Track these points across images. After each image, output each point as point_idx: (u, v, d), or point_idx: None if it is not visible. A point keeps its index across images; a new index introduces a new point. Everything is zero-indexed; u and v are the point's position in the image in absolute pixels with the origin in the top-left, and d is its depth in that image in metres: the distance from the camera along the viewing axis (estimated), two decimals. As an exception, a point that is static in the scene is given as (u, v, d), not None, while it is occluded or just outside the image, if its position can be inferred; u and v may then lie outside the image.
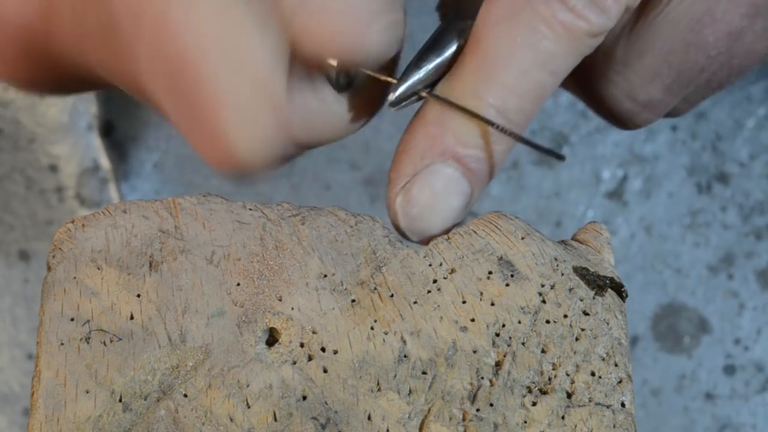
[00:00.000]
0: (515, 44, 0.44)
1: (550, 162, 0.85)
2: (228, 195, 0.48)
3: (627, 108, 0.50)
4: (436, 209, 0.45)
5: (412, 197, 0.45)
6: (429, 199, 0.45)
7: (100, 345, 0.43)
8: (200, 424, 0.42)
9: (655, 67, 0.49)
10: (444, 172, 0.45)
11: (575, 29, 0.44)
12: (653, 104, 0.50)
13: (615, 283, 0.46)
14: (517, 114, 0.45)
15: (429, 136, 0.45)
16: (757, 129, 0.85)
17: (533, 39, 0.44)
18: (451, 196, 0.45)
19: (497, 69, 0.44)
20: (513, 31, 0.44)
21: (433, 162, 0.45)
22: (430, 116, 0.45)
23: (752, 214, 0.84)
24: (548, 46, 0.44)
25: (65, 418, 0.42)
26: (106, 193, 0.81)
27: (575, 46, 0.45)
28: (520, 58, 0.44)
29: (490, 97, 0.44)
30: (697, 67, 0.49)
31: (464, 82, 0.45)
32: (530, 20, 0.44)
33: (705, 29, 0.48)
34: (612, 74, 0.49)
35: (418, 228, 0.46)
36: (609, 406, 0.44)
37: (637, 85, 0.49)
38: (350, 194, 0.85)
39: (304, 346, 0.44)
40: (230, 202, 0.46)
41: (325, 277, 0.45)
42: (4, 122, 0.81)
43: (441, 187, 0.45)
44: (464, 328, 0.44)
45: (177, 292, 0.44)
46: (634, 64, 0.49)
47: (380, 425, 0.43)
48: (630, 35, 0.48)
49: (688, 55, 0.48)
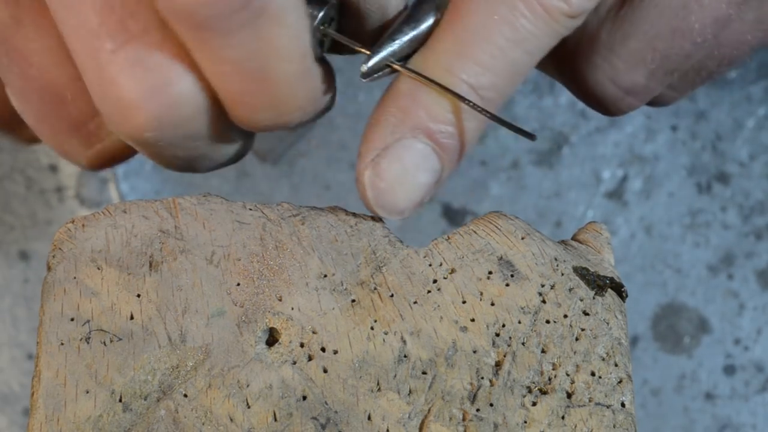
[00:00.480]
0: (492, 21, 0.43)
1: (550, 162, 0.85)
2: (228, 195, 0.48)
3: (611, 93, 0.50)
4: (405, 184, 0.44)
5: (381, 171, 0.44)
6: (398, 173, 0.44)
7: (100, 345, 0.43)
8: (200, 424, 0.42)
9: (640, 52, 0.48)
10: (415, 147, 0.44)
11: (553, 9, 0.44)
12: (637, 90, 0.50)
13: (615, 283, 0.46)
14: (491, 91, 0.44)
15: (400, 110, 0.44)
16: (757, 129, 0.85)
17: (510, 17, 0.44)
18: (421, 172, 0.44)
19: (472, 45, 0.44)
20: (490, 7, 0.43)
21: (404, 136, 0.44)
22: (402, 89, 0.44)
23: (752, 214, 0.84)
24: (525, 25, 0.44)
25: (65, 418, 0.42)
26: (106, 193, 0.81)
27: (553, 27, 0.44)
28: (497, 36, 0.44)
29: (463, 74, 0.44)
30: (683, 53, 0.48)
31: (438, 56, 0.44)
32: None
33: (691, 15, 0.47)
34: (596, 58, 0.49)
35: (385, 202, 0.45)
36: (609, 406, 0.44)
37: (621, 70, 0.49)
38: (350, 194, 0.84)
39: (304, 346, 0.44)
40: (230, 202, 0.46)
41: (325, 277, 0.45)
42: (4, 122, 0.81)
43: (411, 162, 0.44)
44: (464, 328, 0.44)
45: (177, 292, 0.44)
46: (619, 48, 0.48)
47: (380, 425, 0.43)
48: (615, 19, 0.48)
49: (674, 41, 0.48)
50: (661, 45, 0.48)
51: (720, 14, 0.47)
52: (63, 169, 0.81)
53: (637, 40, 0.48)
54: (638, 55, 0.48)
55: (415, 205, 0.45)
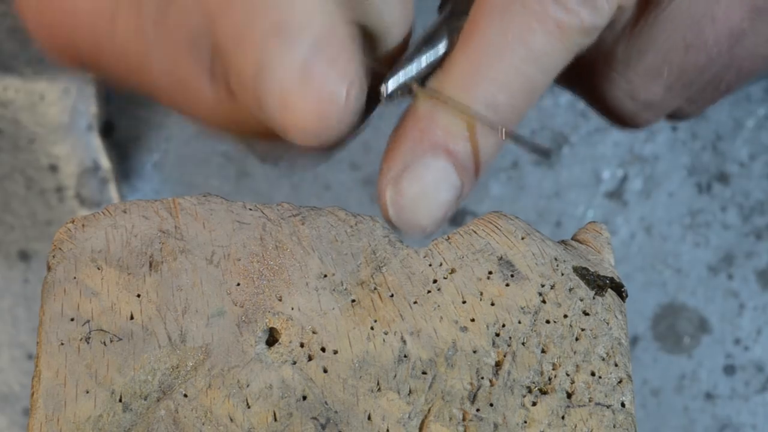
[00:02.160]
0: (507, 40, 0.44)
1: (550, 162, 0.85)
2: (228, 195, 0.48)
3: (628, 108, 0.50)
4: (426, 202, 0.45)
5: (402, 189, 0.45)
6: (419, 191, 0.45)
7: (100, 345, 0.43)
8: (200, 424, 0.42)
9: (656, 67, 0.49)
10: (434, 165, 0.45)
11: (567, 27, 0.44)
12: (654, 104, 0.50)
13: (615, 283, 0.46)
14: (507, 110, 0.45)
15: (420, 130, 0.45)
16: (757, 129, 0.85)
17: (525, 35, 0.44)
18: (442, 190, 0.45)
19: (488, 64, 0.44)
20: (505, 26, 0.44)
21: (424, 155, 0.45)
22: (420, 110, 0.45)
23: (752, 214, 0.84)
24: (540, 43, 0.44)
25: (65, 418, 0.42)
26: (106, 193, 0.81)
27: (567, 44, 0.45)
28: (511, 54, 0.44)
29: (479, 92, 0.44)
30: (698, 66, 0.49)
31: (455, 76, 0.45)
32: (522, 16, 0.44)
33: (705, 29, 0.48)
34: (613, 74, 0.49)
35: (407, 220, 0.45)
36: (609, 406, 0.44)
37: (638, 85, 0.49)
38: (350, 194, 0.85)
39: (304, 346, 0.44)
40: (230, 202, 0.46)
41: (325, 277, 0.45)
42: (4, 122, 0.81)
43: (431, 180, 0.45)
44: (464, 328, 0.44)
45: (177, 292, 0.44)
46: (635, 63, 0.49)
47: (380, 425, 0.43)
48: (630, 35, 0.48)
49: (689, 55, 0.48)
50: (677, 59, 0.48)
51: (734, 28, 0.48)
52: (63, 169, 0.81)
53: (652, 54, 0.48)
54: (654, 69, 0.49)
55: (437, 222, 0.46)
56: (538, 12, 0.44)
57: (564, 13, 0.44)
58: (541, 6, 0.44)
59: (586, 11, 0.44)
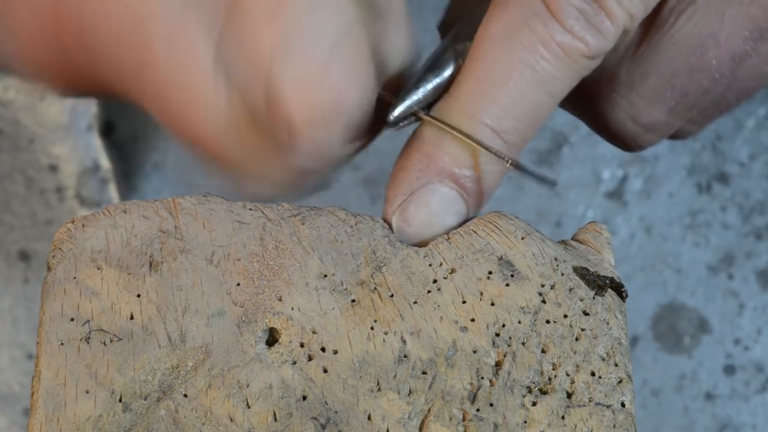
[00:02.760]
0: (512, 65, 0.44)
1: (550, 162, 0.85)
2: (228, 195, 0.48)
3: (631, 130, 0.50)
4: (432, 228, 0.46)
5: (409, 215, 0.46)
6: (425, 217, 0.46)
7: (100, 345, 0.43)
8: (200, 424, 0.42)
9: (659, 90, 0.49)
10: (440, 191, 0.45)
11: (572, 51, 0.44)
12: (657, 126, 0.50)
13: (615, 283, 0.46)
14: (513, 135, 0.45)
15: (426, 156, 0.45)
16: (757, 129, 0.85)
17: (531, 59, 0.44)
18: (447, 215, 0.46)
19: (494, 89, 0.44)
20: (510, 51, 0.44)
21: (430, 181, 0.45)
22: (426, 136, 0.45)
23: (752, 214, 0.84)
24: (545, 67, 0.44)
25: (65, 418, 0.42)
26: (106, 193, 0.81)
27: (572, 68, 0.45)
28: (517, 79, 0.44)
29: (486, 117, 0.45)
30: (701, 89, 0.49)
31: (460, 101, 0.45)
32: (528, 41, 0.44)
33: (708, 52, 0.48)
34: (616, 97, 0.49)
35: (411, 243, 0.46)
36: (609, 406, 0.44)
37: (641, 108, 0.49)
38: (350, 194, 0.85)
39: (304, 346, 0.44)
40: (230, 202, 0.46)
41: (325, 277, 0.45)
42: (4, 122, 0.81)
43: (437, 206, 0.46)
44: (464, 328, 0.44)
45: (177, 292, 0.44)
46: (638, 86, 0.49)
47: (380, 425, 0.43)
48: (634, 58, 0.48)
49: (692, 78, 0.48)
50: (680, 82, 0.48)
51: (737, 51, 0.48)
52: (63, 169, 0.81)
53: (655, 77, 0.48)
54: (657, 92, 0.49)
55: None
56: (544, 36, 0.44)
57: (569, 37, 0.44)
58: (546, 30, 0.44)
59: (591, 35, 0.44)
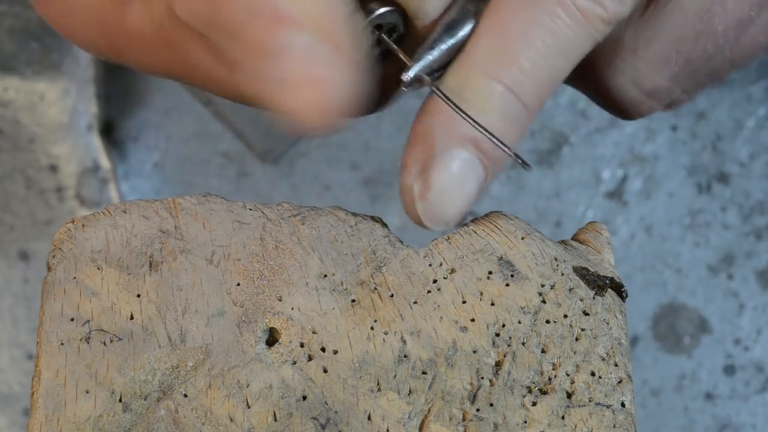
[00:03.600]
0: (531, 26, 0.44)
1: (550, 162, 0.85)
2: (228, 195, 0.48)
3: (632, 96, 0.50)
4: (453, 194, 0.45)
5: (430, 180, 0.44)
6: (447, 182, 0.45)
7: (100, 345, 0.43)
8: (200, 424, 0.42)
9: (664, 55, 0.48)
10: (462, 156, 0.44)
11: (591, 15, 0.44)
12: (659, 92, 0.50)
13: (615, 283, 0.46)
14: (532, 97, 0.44)
15: (446, 120, 0.44)
16: (757, 129, 0.85)
17: (550, 22, 0.44)
18: (468, 181, 0.45)
19: (513, 50, 0.44)
20: (530, 13, 0.44)
21: (452, 146, 0.44)
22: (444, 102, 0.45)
23: (752, 214, 0.84)
24: (565, 30, 0.44)
25: (65, 418, 0.42)
26: (106, 193, 0.81)
27: (589, 33, 0.44)
28: (537, 41, 0.44)
29: (505, 78, 0.44)
30: (705, 55, 0.48)
31: (479, 61, 0.44)
32: (547, 3, 0.44)
33: (715, 18, 0.47)
34: (619, 62, 0.49)
35: (434, 213, 0.45)
36: (609, 406, 0.44)
37: (644, 73, 0.49)
38: (350, 194, 0.85)
39: (304, 346, 0.44)
40: (230, 202, 0.46)
41: (325, 277, 0.45)
42: (4, 122, 0.81)
43: (459, 171, 0.44)
44: (464, 328, 0.44)
45: (177, 292, 0.44)
46: (642, 51, 0.48)
47: (380, 425, 0.43)
48: (639, 22, 0.48)
49: (698, 44, 0.48)
50: (685, 47, 0.48)
51: (743, 16, 0.48)
52: (63, 169, 0.81)
53: (661, 42, 0.48)
54: (662, 57, 0.48)
55: (460, 215, 0.46)
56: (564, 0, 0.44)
57: (589, 1, 0.44)
58: None
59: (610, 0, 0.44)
